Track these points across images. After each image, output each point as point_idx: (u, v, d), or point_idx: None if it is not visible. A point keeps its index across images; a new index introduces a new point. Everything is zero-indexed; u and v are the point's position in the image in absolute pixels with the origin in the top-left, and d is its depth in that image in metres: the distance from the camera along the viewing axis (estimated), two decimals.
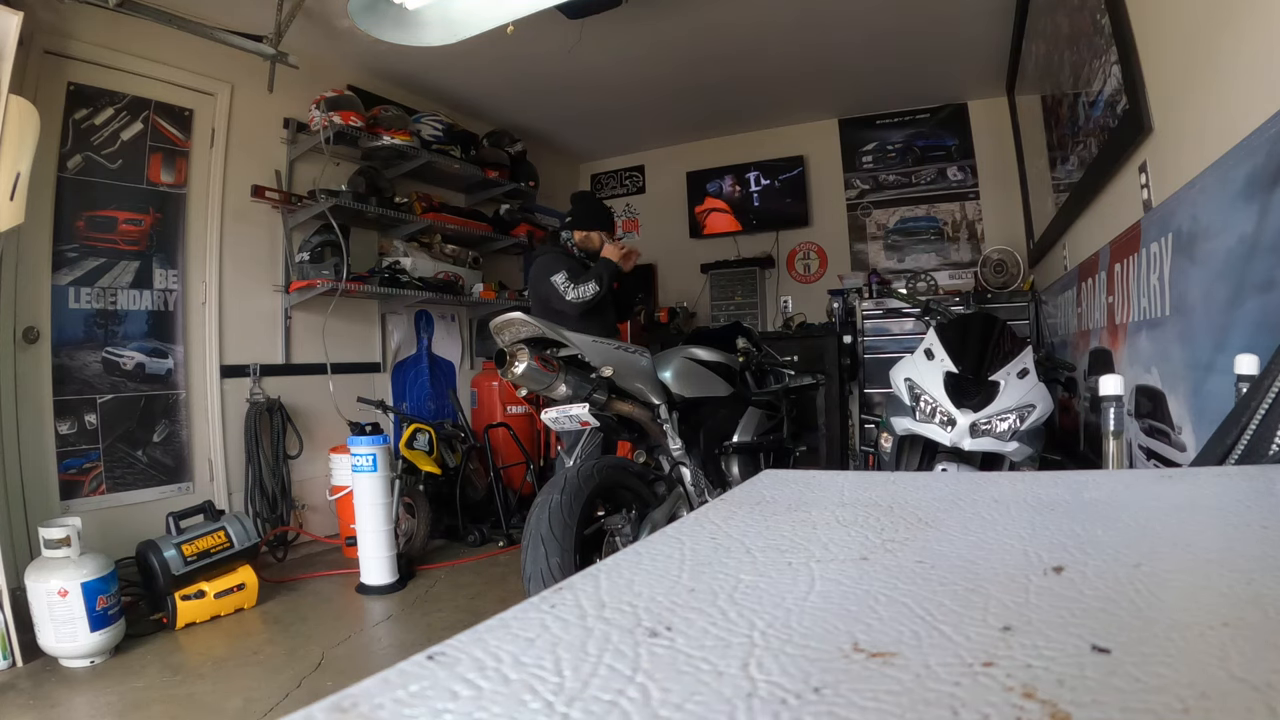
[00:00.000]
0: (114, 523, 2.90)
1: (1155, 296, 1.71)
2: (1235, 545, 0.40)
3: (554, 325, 2.10)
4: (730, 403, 2.72)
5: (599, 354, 2.17)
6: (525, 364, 1.99)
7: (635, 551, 0.41)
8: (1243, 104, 1.25)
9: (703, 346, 2.74)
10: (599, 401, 2.16)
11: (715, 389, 2.64)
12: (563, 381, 2.08)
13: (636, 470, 2.28)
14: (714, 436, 2.68)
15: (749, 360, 2.93)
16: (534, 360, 2.01)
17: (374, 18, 2.75)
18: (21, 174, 2.24)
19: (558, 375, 2.06)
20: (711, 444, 2.67)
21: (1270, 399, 0.74)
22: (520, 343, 2.07)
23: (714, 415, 2.67)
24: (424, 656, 0.27)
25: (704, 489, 2.45)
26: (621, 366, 2.22)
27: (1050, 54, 3.00)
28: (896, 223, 5.34)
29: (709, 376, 2.63)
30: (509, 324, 2.04)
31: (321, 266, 3.60)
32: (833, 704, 0.23)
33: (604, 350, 2.20)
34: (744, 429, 2.78)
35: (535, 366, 2.02)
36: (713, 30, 3.86)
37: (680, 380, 2.51)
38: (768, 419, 2.89)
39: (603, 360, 2.17)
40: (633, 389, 2.29)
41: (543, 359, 2.05)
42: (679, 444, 2.37)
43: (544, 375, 2.05)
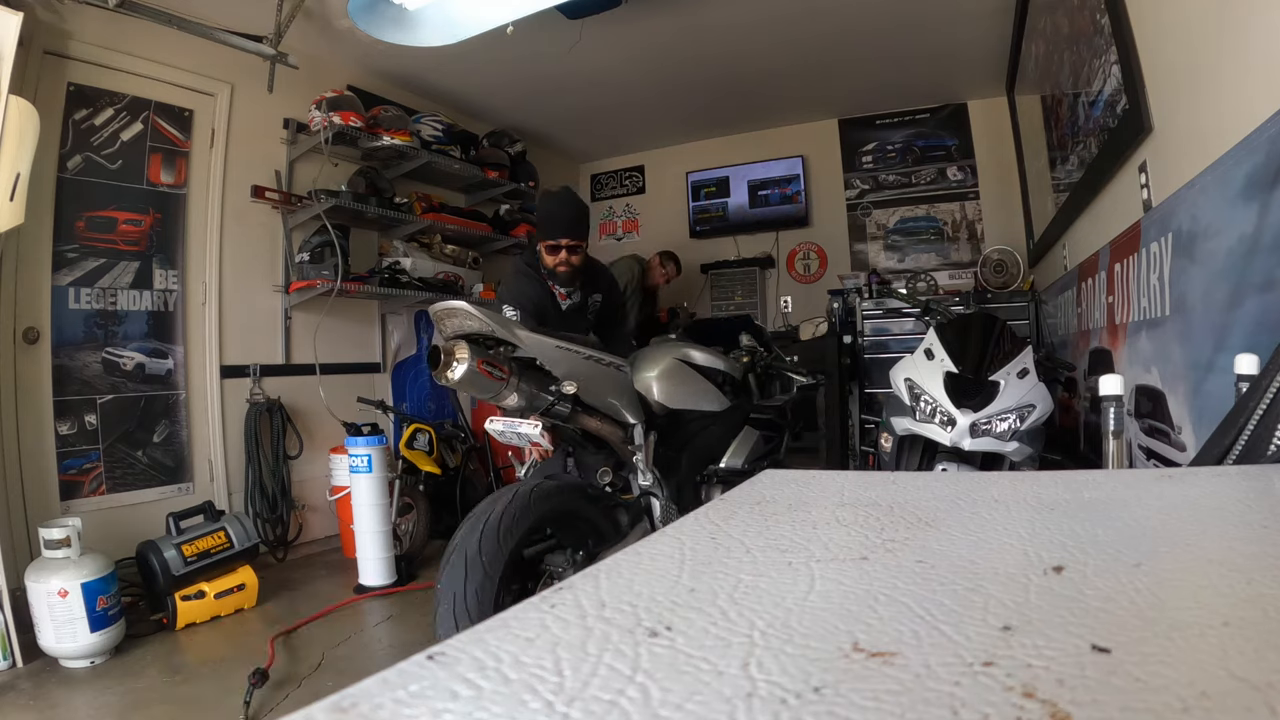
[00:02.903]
0: (114, 523, 2.90)
1: (1155, 296, 1.71)
2: (1235, 545, 0.40)
3: (507, 320, 1.72)
4: (724, 419, 2.31)
5: (563, 363, 1.77)
6: (465, 366, 1.59)
7: (635, 551, 0.41)
8: (1243, 104, 1.25)
9: (699, 346, 2.35)
10: (561, 415, 1.80)
11: (708, 401, 2.26)
12: (514, 390, 1.70)
13: (598, 496, 1.94)
14: (698, 459, 2.27)
15: (754, 362, 2.53)
16: (477, 363, 1.61)
17: (374, 18, 2.76)
18: (21, 174, 2.24)
19: (507, 383, 1.68)
20: (694, 467, 2.26)
21: (1269, 399, 0.74)
22: (463, 338, 1.67)
23: (702, 433, 2.27)
24: (424, 656, 0.27)
25: None
26: (591, 380, 1.82)
27: (1050, 54, 3.00)
28: (896, 223, 5.34)
29: (702, 385, 2.26)
30: (451, 313, 1.64)
31: (321, 267, 3.60)
32: (833, 704, 0.23)
33: (569, 359, 1.78)
34: (736, 452, 2.34)
35: (477, 370, 1.61)
36: (712, 30, 3.86)
37: (666, 386, 2.15)
38: (765, 441, 2.46)
39: (567, 370, 1.77)
40: (603, 405, 1.90)
41: (490, 361, 1.65)
42: (650, 478, 1.99)
43: (489, 382, 1.65)
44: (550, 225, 2.41)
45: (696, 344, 2.35)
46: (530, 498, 1.65)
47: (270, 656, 2.22)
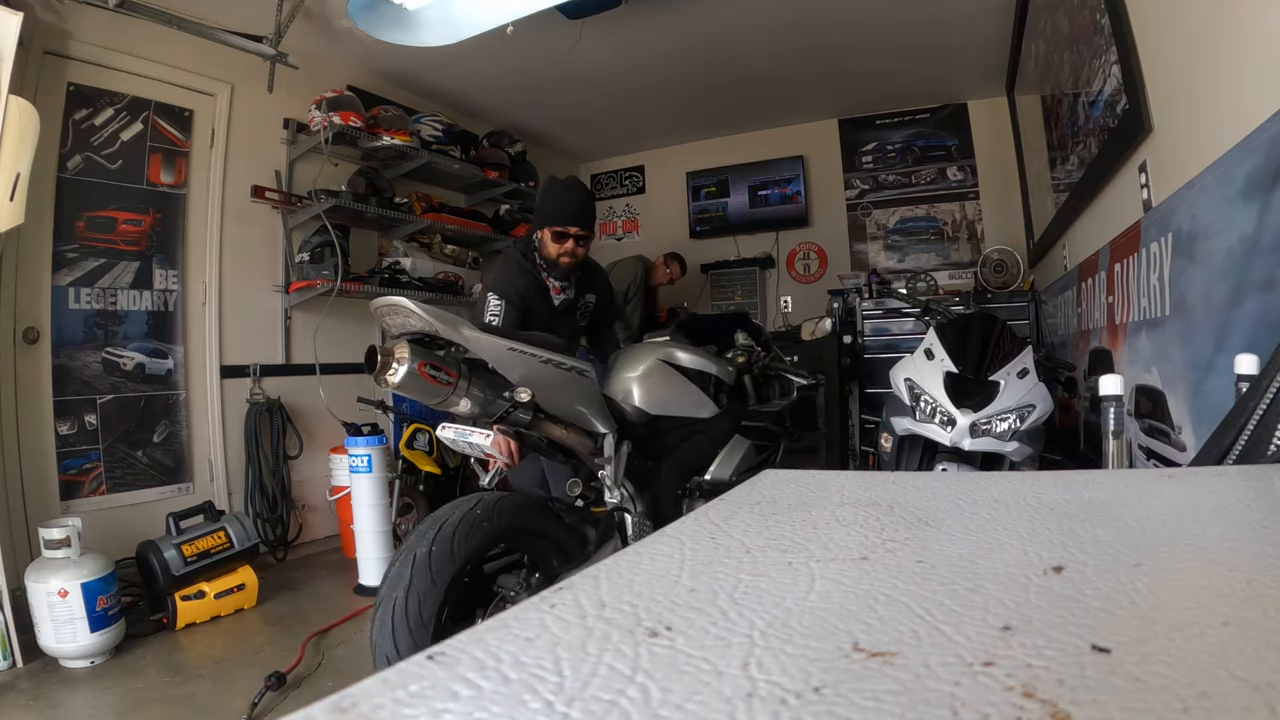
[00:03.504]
0: (114, 523, 2.90)
1: (1155, 296, 1.71)
2: (1235, 545, 0.40)
3: (453, 318, 1.53)
4: (711, 426, 2.15)
5: (517, 366, 1.58)
6: (404, 369, 1.43)
7: (635, 551, 0.41)
8: (1243, 104, 1.25)
9: (687, 346, 2.19)
10: (519, 422, 1.63)
11: (693, 407, 2.10)
12: (465, 396, 1.54)
13: (564, 512, 1.79)
14: (681, 469, 2.10)
15: (751, 363, 2.37)
16: (418, 365, 1.45)
17: (374, 18, 2.76)
18: (21, 174, 2.24)
19: (454, 387, 1.51)
20: (676, 479, 2.08)
21: (1269, 398, 0.74)
22: (409, 338, 1.51)
23: (686, 442, 2.10)
24: (424, 656, 0.27)
25: None
26: (550, 387, 1.64)
27: (1050, 54, 3.00)
28: (896, 223, 5.34)
29: (687, 389, 2.10)
30: (392, 310, 1.48)
31: (321, 267, 3.60)
32: (833, 704, 0.23)
33: (525, 362, 1.59)
34: (724, 462, 2.17)
35: (417, 374, 1.44)
36: (712, 30, 3.86)
37: (647, 390, 2.01)
38: (757, 451, 2.28)
39: (522, 375, 1.58)
40: (569, 414, 1.72)
41: (435, 364, 1.48)
42: (616, 496, 1.81)
43: (433, 387, 1.48)
44: (559, 211, 2.25)
45: (684, 344, 2.19)
46: (494, 509, 1.54)
47: (299, 657, 2.22)
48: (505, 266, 2.35)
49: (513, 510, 1.60)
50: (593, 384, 1.76)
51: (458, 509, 1.50)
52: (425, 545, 1.41)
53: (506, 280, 2.27)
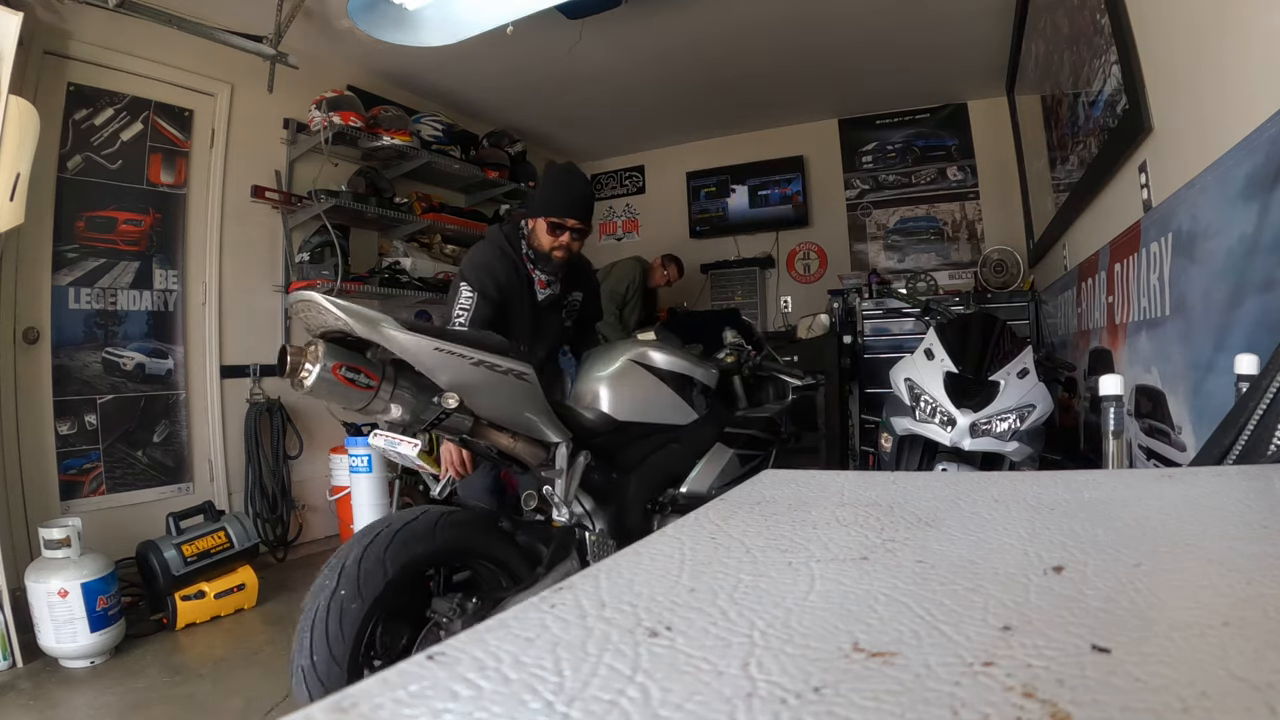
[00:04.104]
0: (114, 523, 2.90)
1: (1155, 296, 1.71)
2: (1235, 545, 0.40)
3: (373, 315, 1.36)
4: (689, 434, 1.99)
5: (446, 369, 1.40)
6: (317, 371, 1.29)
7: (635, 551, 0.41)
8: (1243, 104, 1.25)
9: (664, 345, 2.04)
10: (456, 430, 1.49)
11: (668, 412, 1.94)
12: (391, 401, 1.40)
13: (518, 529, 1.66)
14: (652, 481, 1.93)
15: (740, 363, 2.22)
16: (332, 368, 1.31)
17: (374, 18, 2.76)
18: (21, 174, 2.24)
19: (376, 392, 1.37)
20: (646, 492, 1.91)
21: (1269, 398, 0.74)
22: (329, 337, 1.36)
23: (660, 451, 1.94)
24: (424, 656, 0.27)
25: None
26: (484, 391, 1.46)
27: (1050, 54, 3.00)
28: (896, 223, 5.34)
29: (661, 393, 1.94)
30: (306, 306, 1.33)
31: (321, 267, 3.60)
32: (833, 704, 0.23)
33: (454, 365, 1.40)
34: (703, 474, 2.00)
35: (331, 377, 1.31)
36: (712, 30, 3.86)
37: (616, 393, 1.86)
38: (742, 461, 2.09)
39: (452, 378, 1.40)
40: (514, 421, 1.57)
41: (353, 366, 1.35)
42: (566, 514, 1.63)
43: (351, 392, 1.35)
44: (558, 201, 2.06)
45: (661, 343, 2.05)
46: (434, 524, 1.44)
47: None
48: (484, 252, 2.12)
49: (455, 526, 1.49)
50: (534, 388, 1.55)
51: (393, 521, 1.42)
52: (353, 556, 1.33)
53: (484, 268, 2.04)
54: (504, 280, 2.05)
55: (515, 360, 1.52)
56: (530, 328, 2.13)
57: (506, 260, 2.08)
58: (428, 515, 1.47)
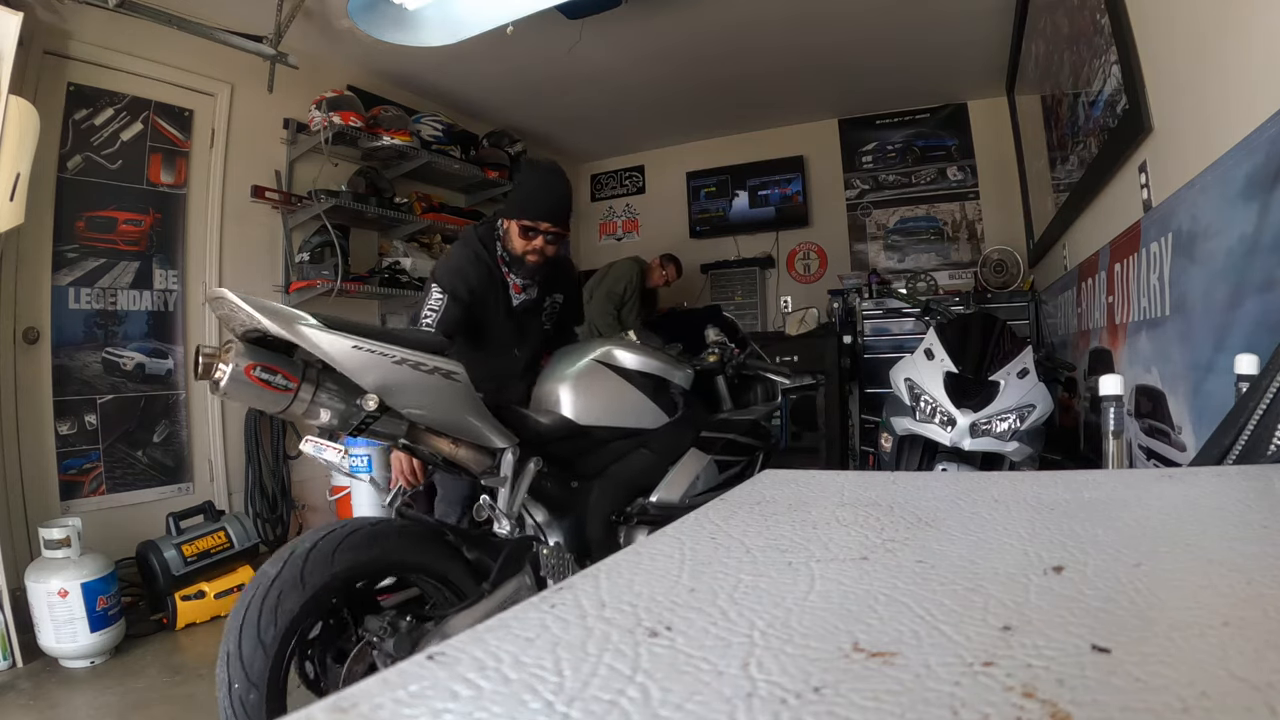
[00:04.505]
0: (114, 523, 2.90)
1: (1155, 296, 1.71)
2: (1235, 545, 0.40)
3: (289, 311, 1.29)
4: (659, 439, 1.86)
5: (367, 369, 1.30)
6: (230, 372, 1.22)
7: (635, 551, 0.41)
8: (1243, 104, 1.25)
9: (632, 343, 1.94)
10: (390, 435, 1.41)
11: (635, 416, 1.82)
12: (314, 404, 1.32)
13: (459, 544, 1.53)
14: (617, 490, 1.81)
15: (723, 363, 2.11)
16: (245, 368, 1.24)
17: (374, 18, 2.76)
18: (21, 174, 2.24)
19: (295, 394, 1.28)
20: (610, 502, 1.79)
21: (1269, 398, 0.74)
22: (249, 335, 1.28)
23: (626, 457, 1.82)
24: (424, 656, 0.27)
25: None
26: (411, 392, 1.35)
27: (1050, 54, 3.00)
28: (896, 223, 5.34)
29: (629, 395, 1.83)
30: (220, 303, 1.25)
31: (321, 267, 3.60)
32: (833, 704, 0.23)
33: (375, 364, 1.31)
34: (674, 482, 1.86)
35: (245, 379, 1.23)
36: (712, 30, 3.86)
37: (578, 395, 1.76)
38: (721, 468, 1.97)
39: (378, 379, 1.31)
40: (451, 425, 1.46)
41: (269, 366, 1.27)
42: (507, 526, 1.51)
43: (267, 394, 1.26)
44: (532, 203, 1.97)
45: (630, 342, 1.96)
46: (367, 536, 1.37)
47: None
48: (458, 254, 2.05)
49: (391, 538, 1.40)
50: (465, 388, 1.43)
51: (321, 533, 1.34)
52: (275, 570, 1.27)
53: (456, 271, 1.97)
54: (476, 283, 1.97)
55: (442, 360, 1.40)
56: (508, 332, 2.05)
57: (480, 263, 1.99)
58: (358, 529, 1.38)
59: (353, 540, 1.34)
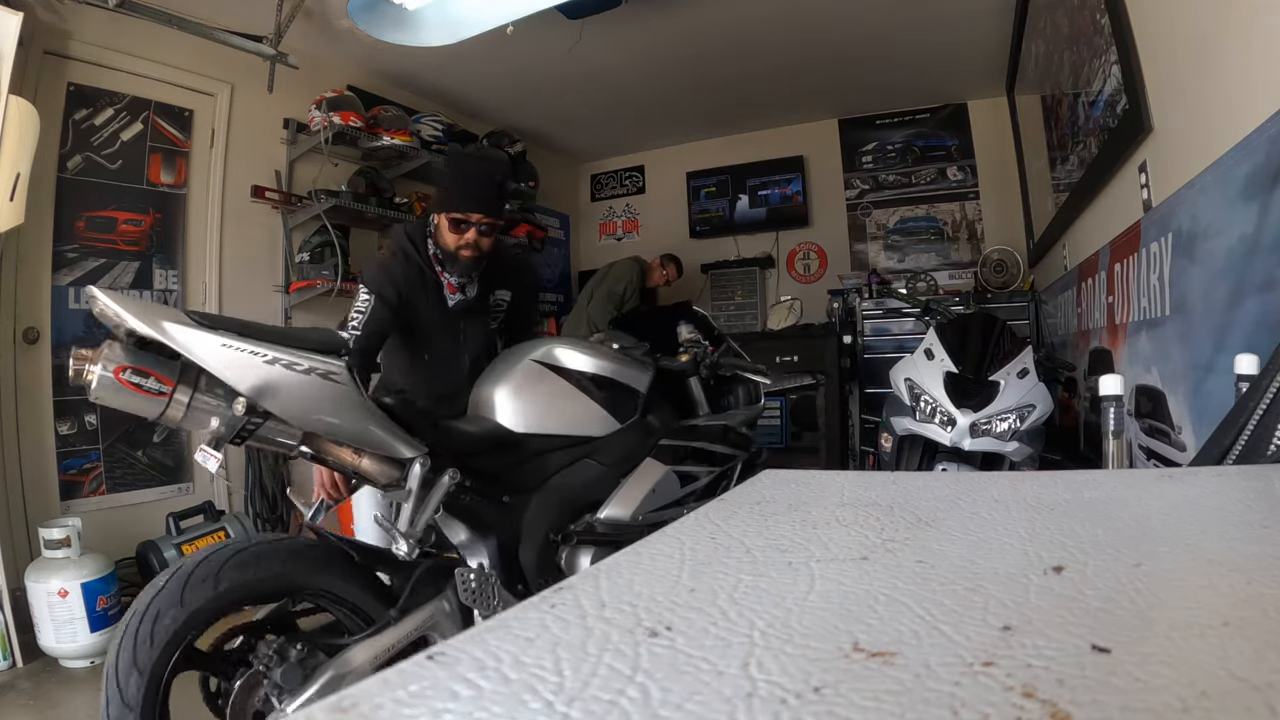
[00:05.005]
0: (114, 523, 2.90)
1: (1155, 296, 1.71)
2: (1235, 545, 0.40)
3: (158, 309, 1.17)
4: (607, 448, 1.68)
5: (237, 369, 1.19)
6: (99, 374, 1.14)
7: (635, 551, 0.41)
8: (1243, 104, 1.25)
9: (580, 342, 1.80)
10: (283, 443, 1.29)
11: (579, 422, 1.66)
12: (191, 410, 1.20)
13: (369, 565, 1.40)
14: (558, 505, 1.63)
15: (697, 363, 1.95)
16: (114, 371, 1.14)
17: (374, 18, 2.76)
18: (21, 174, 2.24)
19: (169, 398, 1.18)
20: (549, 519, 1.61)
21: (1269, 399, 0.74)
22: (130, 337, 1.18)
23: (568, 469, 1.64)
24: (424, 656, 0.27)
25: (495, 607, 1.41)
26: (283, 395, 1.22)
27: (1050, 54, 3.00)
28: (896, 223, 5.34)
29: (572, 399, 1.66)
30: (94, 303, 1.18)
31: (321, 267, 3.61)
32: (833, 704, 0.23)
33: (243, 362, 1.19)
34: (627, 497, 1.68)
35: (115, 381, 1.14)
36: (712, 30, 3.86)
37: (515, 399, 1.62)
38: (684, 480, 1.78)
39: (246, 381, 1.19)
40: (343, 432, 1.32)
41: (140, 369, 1.16)
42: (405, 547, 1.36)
43: (139, 398, 1.16)
44: (461, 193, 1.84)
45: (574, 340, 1.82)
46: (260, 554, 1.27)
47: None
48: (384, 254, 1.93)
49: (285, 558, 1.30)
50: (348, 390, 1.30)
51: (209, 551, 1.26)
52: (156, 588, 1.19)
53: (383, 270, 1.87)
54: (405, 284, 1.86)
55: (321, 358, 1.27)
56: (447, 336, 1.93)
57: (410, 263, 1.88)
58: (256, 545, 1.29)
59: (241, 559, 1.24)
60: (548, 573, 1.57)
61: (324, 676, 1.23)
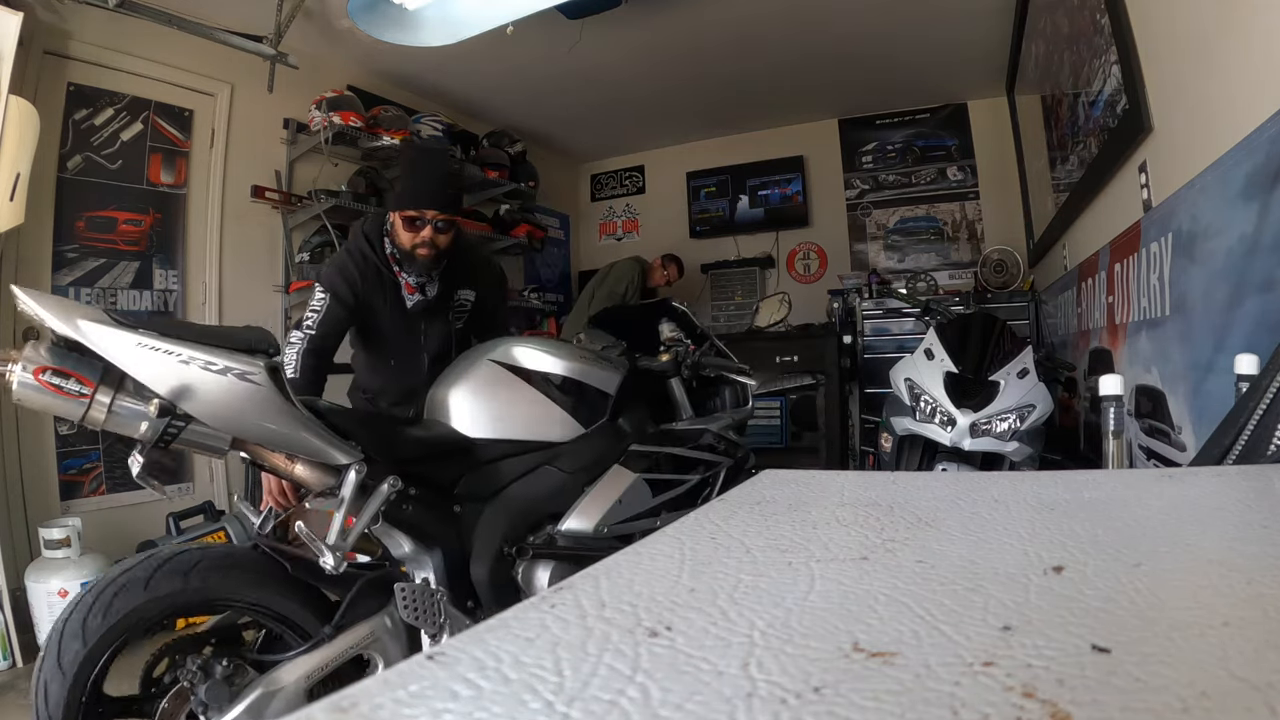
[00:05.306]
0: (114, 523, 2.90)
1: (1155, 296, 1.71)
2: (1235, 545, 0.40)
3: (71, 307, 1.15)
4: (574, 454, 1.59)
5: (150, 367, 1.13)
6: (18, 375, 1.08)
7: (635, 551, 0.41)
8: (1243, 104, 1.25)
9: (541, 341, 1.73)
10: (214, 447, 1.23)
11: (538, 427, 1.57)
12: (112, 413, 1.14)
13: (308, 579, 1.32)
14: (513, 516, 1.52)
15: (678, 363, 1.86)
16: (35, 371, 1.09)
17: (374, 18, 2.76)
18: (21, 174, 2.24)
19: (90, 400, 1.12)
20: (504, 530, 1.50)
21: (1269, 399, 0.74)
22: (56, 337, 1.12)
23: (527, 476, 1.55)
24: (424, 656, 0.27)
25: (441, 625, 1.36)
26: (199, 397, 1.16)
27: (1050, 54, 3.00)
28: (896, 223, 5.34)
29: (533, 402, 1.57)
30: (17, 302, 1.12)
31: (322, 267, 3.60)
32: (833, 704, 0.23)
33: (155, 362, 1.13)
34: (591, 507, 1.57)
35: (34, 383, 1.09)
36: (712, 30, 3.86)
37: (470, 402, 1.54)
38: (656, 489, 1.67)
39: (169, 383, 1.14)
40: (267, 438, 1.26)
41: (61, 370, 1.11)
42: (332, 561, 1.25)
43: (60, 401, 1.11)
44: (414, 190, 1.79)
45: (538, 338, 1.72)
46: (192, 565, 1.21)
47: None
48: (340, 253, 1.90)
49: (221, 568, 1.24)
50: (267, 392, 1.21)
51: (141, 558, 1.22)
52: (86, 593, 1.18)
53: (338, 269, 1.84)
54: (361, 283, 1.82)
55: (239, 359, 1.19)
56: (407, 336, 1.88)
57: (367, 263, 1.83)
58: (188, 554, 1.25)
59: (172, 567, 1.20)
60: (502, 589, 1.48)
61: (252, 695, 1.18)
